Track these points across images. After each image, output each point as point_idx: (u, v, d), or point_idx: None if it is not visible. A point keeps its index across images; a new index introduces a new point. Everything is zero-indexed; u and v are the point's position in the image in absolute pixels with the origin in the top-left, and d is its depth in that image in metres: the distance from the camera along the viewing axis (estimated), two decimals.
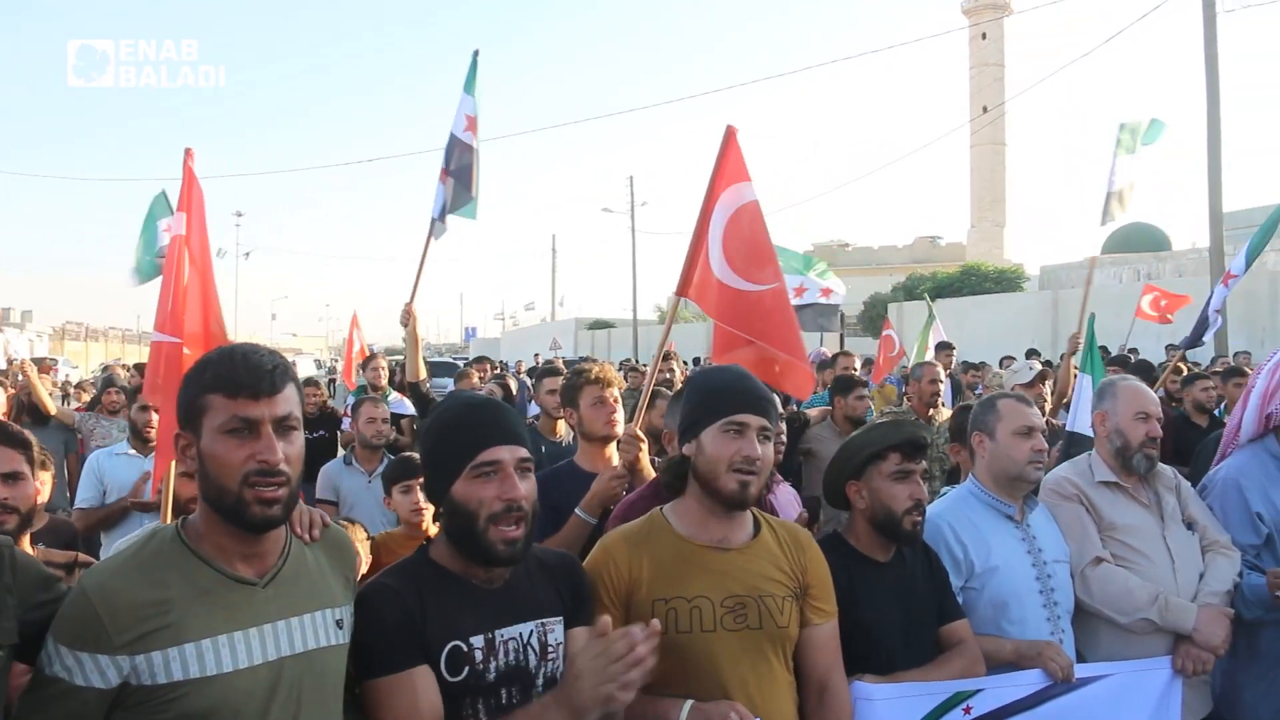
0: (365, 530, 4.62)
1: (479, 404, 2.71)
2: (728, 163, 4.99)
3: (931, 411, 7.86)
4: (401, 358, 9.85)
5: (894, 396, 10.01)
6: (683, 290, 4.89)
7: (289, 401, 2.28)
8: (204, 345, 4.71)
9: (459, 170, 6.82)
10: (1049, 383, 8.19)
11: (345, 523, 4.50)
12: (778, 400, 4.64)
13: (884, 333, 14.38)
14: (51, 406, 9.45)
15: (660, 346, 5.18)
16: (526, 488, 2.57)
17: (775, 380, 4.71)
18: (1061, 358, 9.10)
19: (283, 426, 2.26)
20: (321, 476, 6.88)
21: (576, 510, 4.23)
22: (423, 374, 7.08)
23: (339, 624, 2.41)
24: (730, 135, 5.04)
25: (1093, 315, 7.64)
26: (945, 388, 9.61)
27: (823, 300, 9.74)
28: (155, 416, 6.18)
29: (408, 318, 6.83)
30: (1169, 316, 16.42)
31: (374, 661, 2.44)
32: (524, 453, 2.60)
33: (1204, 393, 8.34)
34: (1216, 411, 8.48)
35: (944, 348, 13.53)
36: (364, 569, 4.12)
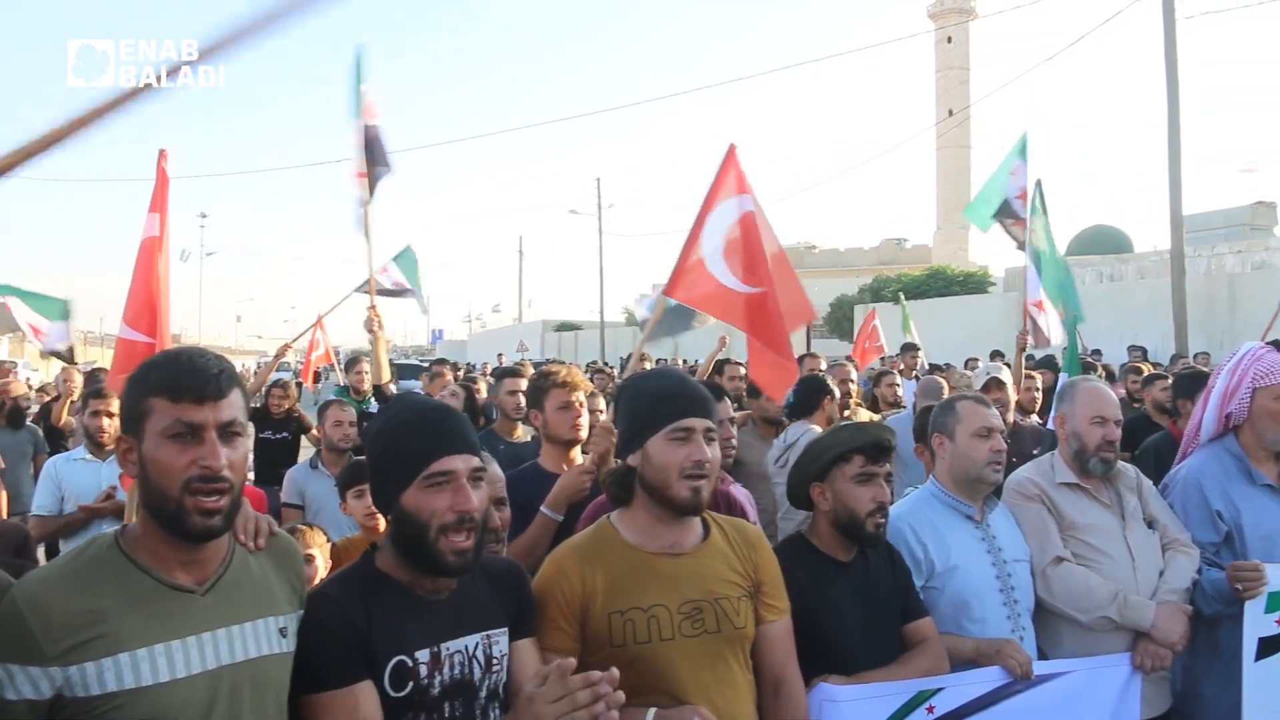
0: (326, 535, 4.59)
1: (431, 410, 2.64)
2: (726, 176, 5.17)
3: (846, 413, 7.86)
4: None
5: (862, 396, 10.04)
6: (670, 290, 5.02)
7: (234, 407, 2.24)
8: (165, 348, 4.66)
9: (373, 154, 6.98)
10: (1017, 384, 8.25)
11: (304, 527, 4.48)
12: (727, 403, 4.69)
13: (871, 323, 14.49)
14: None
15: (640, 345, 5.24)
16: (479, 498, 2.52)
17: (765, 376, 4.85)
18: (1027, 359, 9.15)
19: (227, 432, 2.21)
20: (287, 480, 6.82)
21: (542, 508, 4.20)
22: (386, 376, 7.07)
23: (283, 632, 2.36)
24: (730, 152, 5.23)
25: (1074, 318, 7.68)
26: (906, 390, 9.67)
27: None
28: (107, 421, 6.13)
29: (372, 321, 6.84)
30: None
31: (315, 676, 2.38)
32: (477, 462, 2.55)
33: (1163, 393, 8.42)
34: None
35: (909, 349, 13.61)
36: (325, 574, 4.08)
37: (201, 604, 2.23)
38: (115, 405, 6.14)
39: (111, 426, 6.12)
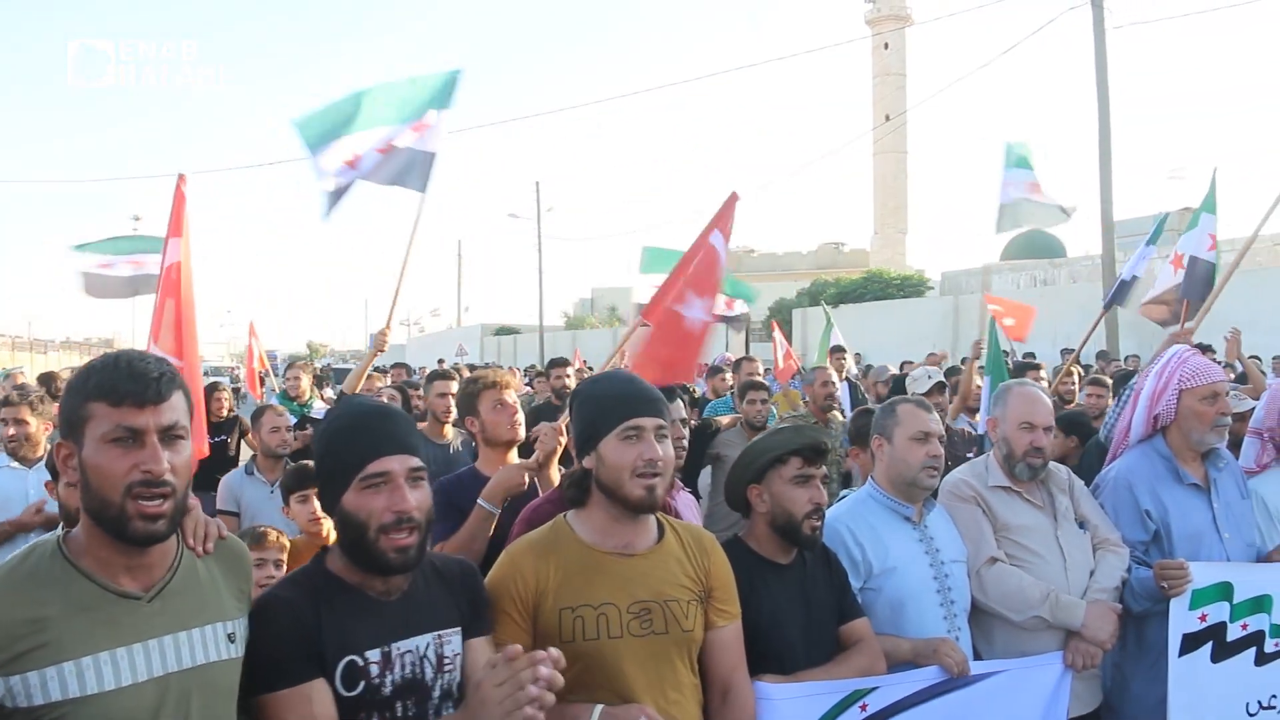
0: (286, 538, 4.55)
1: (369, 412, 2.66)
2: (722, 218, 5.81)
3: (828, 415, 7.96)
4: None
5: (799, 401, 10.10)
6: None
7: (176, 410, 2.21)
8: (194, 369, 4.94)
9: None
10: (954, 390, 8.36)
11: (272, 530, 4.47)
12: (680, 404, 4.70)
13: (774, 335, 14.59)
14: None
15: (615, 353, 5.48)
16: (418, 498, 2.54)
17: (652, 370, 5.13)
18: (963, 362, 9.28)
19: (169, 436, 2.19)
20: (222, 487, 6.73)
21: (480, 500, 4.18)
22: (354, 390, 7.13)
23: (231, 638, 2.35)
24: (731, 200, 5.90)
25: (993, 320, 7.79)
26: (843, 391, 9.75)
27: (729, 313, 10.00)
28: (14, 429, 6.04)
29: (383, 340, 7.12)
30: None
31: (267, 675, 2.39)
32: (415, 462, 2.57)
33: (1098, 399, 8.59)
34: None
35: (837, 351, 13.71)
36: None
37: (148, 610, 2.20)
38: (25, 413, 6.08)
39: (22, 434, 6.05)
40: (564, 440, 4.41)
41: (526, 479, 4.27)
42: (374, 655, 2.48)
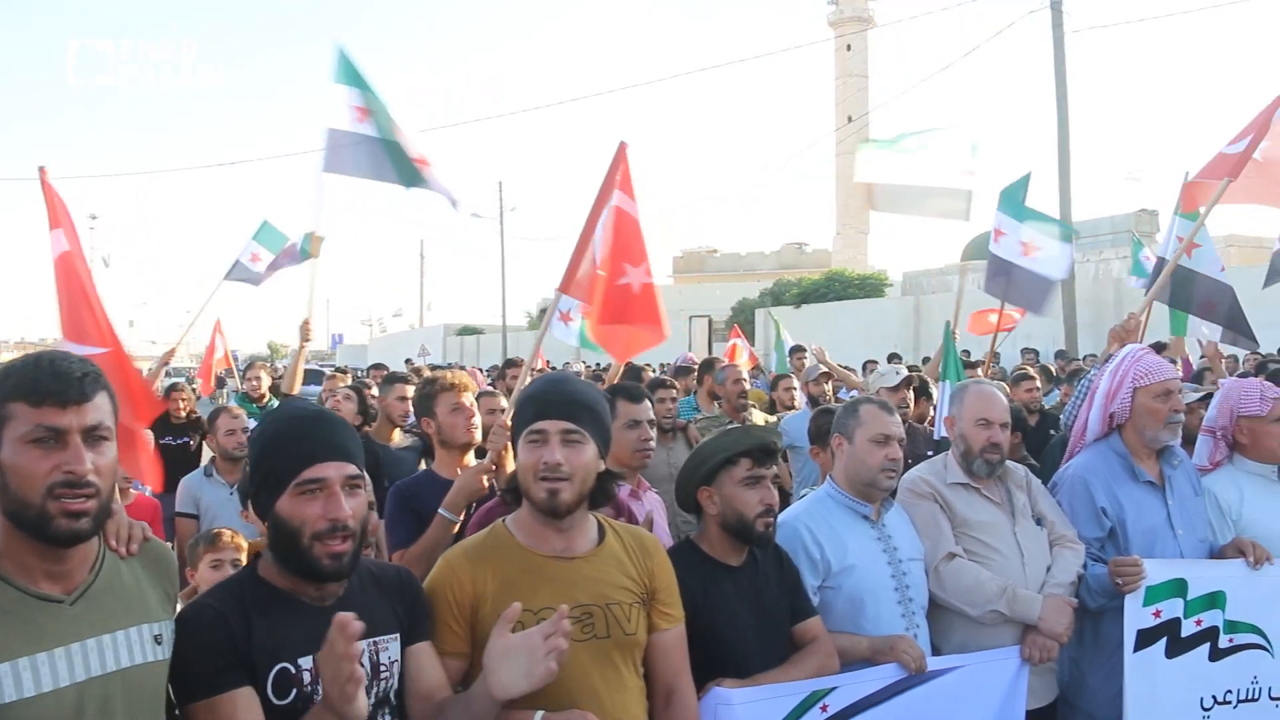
0: (242, 539, 4.52)
1: (307, 417, 2.62)
2: (616, 174, 5.36)
3: (743, 415, 7.95)
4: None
5: (763, 398, 10.13)
6: (564, 287, 5.19)
7: (100, 410, 2.17)
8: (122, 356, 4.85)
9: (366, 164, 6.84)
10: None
11: (218, 531, 4.44)
12: (648, 404, 4.70)
13: (730, 340, 14.64)
14: None
15: (536, 346, 5.31)
16: (353, 506, 2.50)
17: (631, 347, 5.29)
18: (924, 361, 9.31)
19: (93, 436, 2.15)
20: (181, 489, 6.63)
21: (441, 510, 4.16)
22: (297, 389, 7.00)
23: (157, 639, 2.30)
24: (621, 150, 5.37)
25: (949, 322, 7.82)
26: (798, 392, 9.77)
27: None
28: None
29: (308, 331, 6.95)
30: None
31: (193, 684, 2.34)
32: (352, 469, 2.53)
33: (1028, 393, 8.68)
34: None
35: (797, 351, 13.77)
36: None
37: (69, 614, 2.15)
38: None
39: None
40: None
41: (486, 482, 4.24)
42: (306, 663, 2.43)
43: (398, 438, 6.75)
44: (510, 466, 4.43)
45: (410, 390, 6.63)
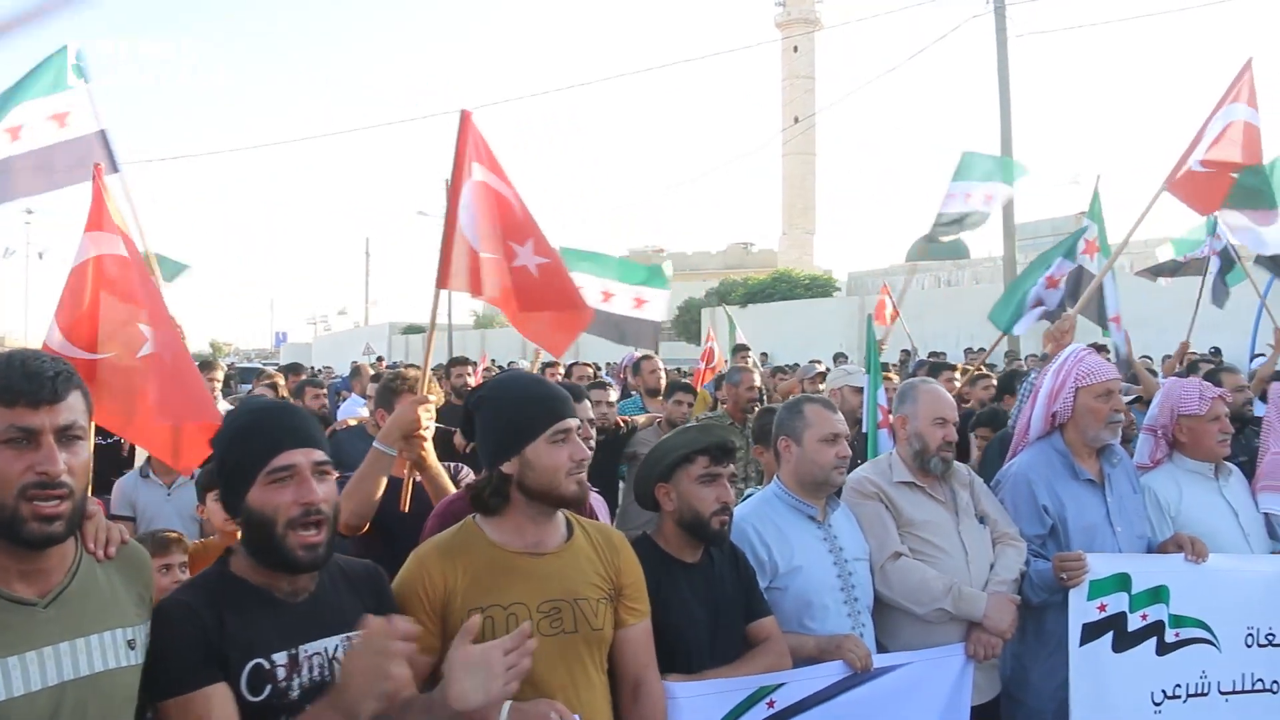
0: (188, 541, 4.45)
1: (271, 408, 2.66)
2: (467, 147, 4.94)
3: (748, 416, 7.97)
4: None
5: (709, 400, 10.11)
6: (443, 283, 4.75)
7: (73, 410, 2.15)
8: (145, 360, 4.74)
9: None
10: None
11: (166, 535, 4.36)
12: (587, 405, 4.69)
13: (707, 345, 14.72)
14: None
15: (427, 348, 5.00)
16: (324, 491, 2.51)
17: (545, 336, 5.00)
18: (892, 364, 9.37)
19: (66, 436, 2.13)
20: (116, 490, 6.46)
21: (375, 443, 4.13)
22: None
23: (131, 644, 2.28)
24: (464, 119, 4.99)
25: (869, 317, 7.83)
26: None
27: (635, 314, 9.60)
28: None
29: None
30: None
31: (167, 681, 2.33)
32: (320, 455, 2.54)
33: (985, 391, 8.79)
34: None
35: (739, 350, 13.82)
36: None
37: (43, 617, 2.12)
38: None
39: None
40: (429, 415, 4.32)
41: (421, 414, 4.19)
42: (281, 658, 2.44)
43: None
44: (432, 459, 4.41)
45: (322, 394, 6.70)
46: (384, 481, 4.11)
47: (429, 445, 4.31)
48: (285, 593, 2.53)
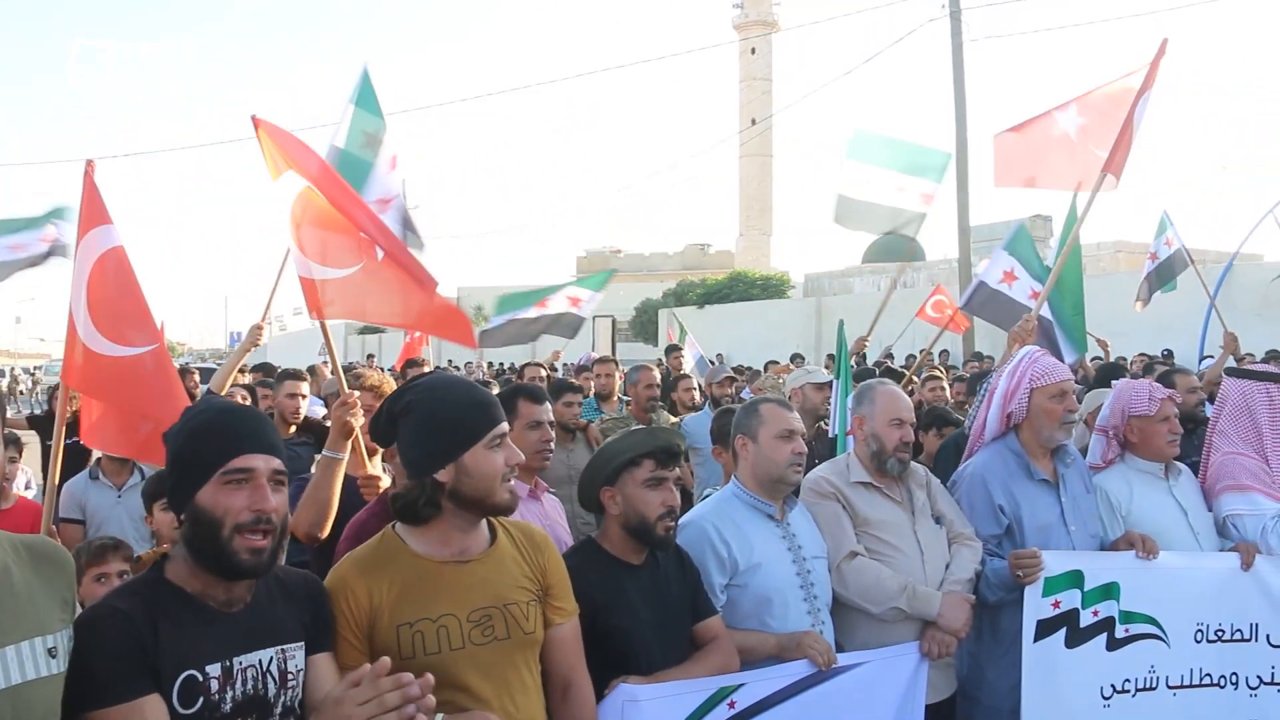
0: (132, 551, 4.38)
1: (235, 410, 2.60)
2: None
3: (651, 416, 7.98)
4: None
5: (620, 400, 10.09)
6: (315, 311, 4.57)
7: None
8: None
9: None
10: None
11: (103, 543, 4.31)
12: (548, 407, 4.69)
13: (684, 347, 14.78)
14: None
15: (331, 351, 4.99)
16: (278, 500, 2.45)
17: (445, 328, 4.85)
18: (829, 358, 9.41)
19: None
20: (65, 493, 6.27)
21: (324, 450, 4.20)
22: (226, 389, 6.89)
23: (51, 653, 2.17)
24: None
25: (841, 322, 7.85)
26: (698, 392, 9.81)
27: (572, 310, 9.84)
28: None
29: (259, 334, 7.18)
30: (958, 324, 16.64)
31: (95, 691, 2.23)
32: (278, 464, 2.49)
33: (932, 392, 8.86)
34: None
35: (673, 350, 13.87)
36: None
37: None
38: None
39: None
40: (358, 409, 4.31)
41: (358, 413, 4.25)
42: (214, 670, 2.37)
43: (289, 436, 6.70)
44: (374, 469, 4.41)
45: (303, 388, 6.65)
46: (339, 486, 4.11)
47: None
48: (221, 602, 2.46)
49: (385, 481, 4.45)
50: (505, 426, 2.92)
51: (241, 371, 15.24)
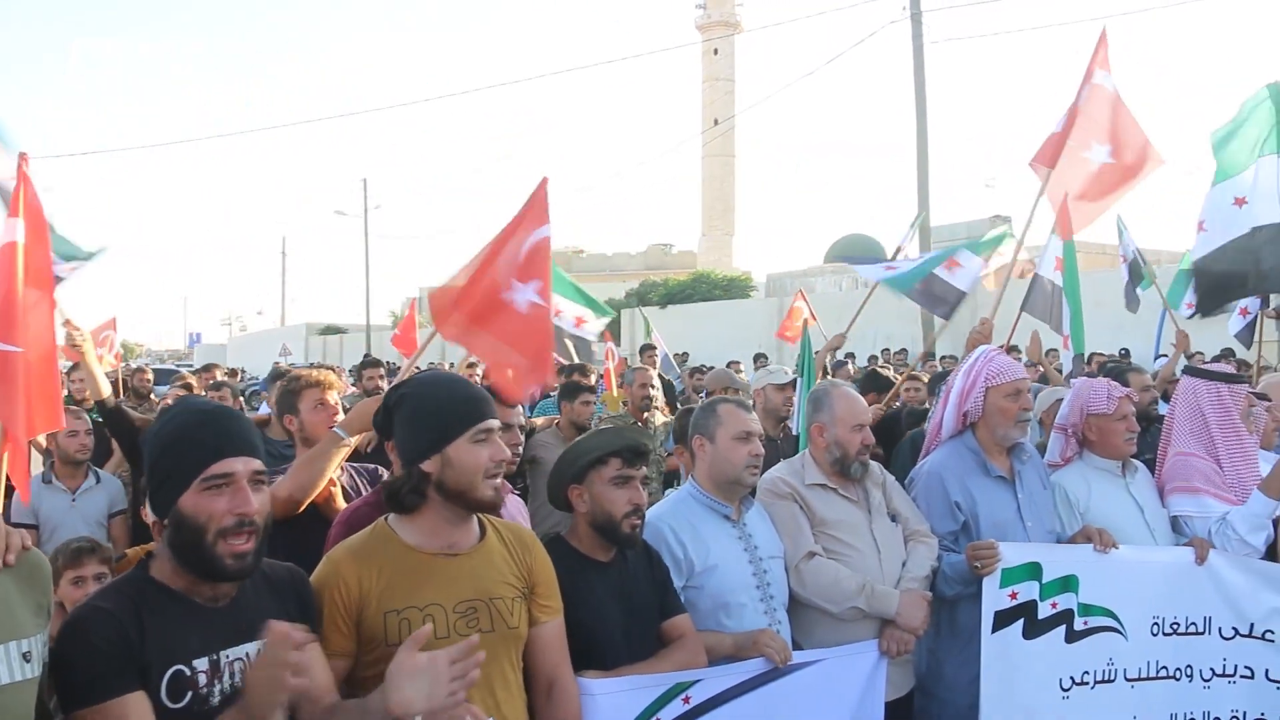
0: (110, 555, 4.35)
1: (212, 412, 2.59)
2: (537, 207, 5.43)
3: (646, 415, 8.01)
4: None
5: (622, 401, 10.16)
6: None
7: None
8: (50, 358, 4.52)
9: None
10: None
11: (78, 545, 4.27)
12: (520, 410, 4.70)
13: (605, 345, 14.74)
14: None
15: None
16: (259, 501, 2.47)
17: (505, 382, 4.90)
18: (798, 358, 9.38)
19: None
20: (16, 497, 6.28)
21: (335, 428, 4.17)
22: (106, 392, 6.34)
23: (26, 657, 2.18)
24: (542, 185, 5.47)
25: (806, 322, 7.90)
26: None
27: (576, 330, 10.07)
28: None
29: (79, 335, 6.00)
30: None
31: (81, 689, 2.26)
32: (258, 465, 2.50)
33: (909, 393, 8.94)
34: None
35: (646, 349, 13.90)
36: None
37: None
38: None
39: None
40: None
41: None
42: (202, 664, 2.40)
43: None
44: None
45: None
46: (333, 466, 4.12)
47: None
48: (207, 597, 2.48)
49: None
50: (493, 422, 2.95)
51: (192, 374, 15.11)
